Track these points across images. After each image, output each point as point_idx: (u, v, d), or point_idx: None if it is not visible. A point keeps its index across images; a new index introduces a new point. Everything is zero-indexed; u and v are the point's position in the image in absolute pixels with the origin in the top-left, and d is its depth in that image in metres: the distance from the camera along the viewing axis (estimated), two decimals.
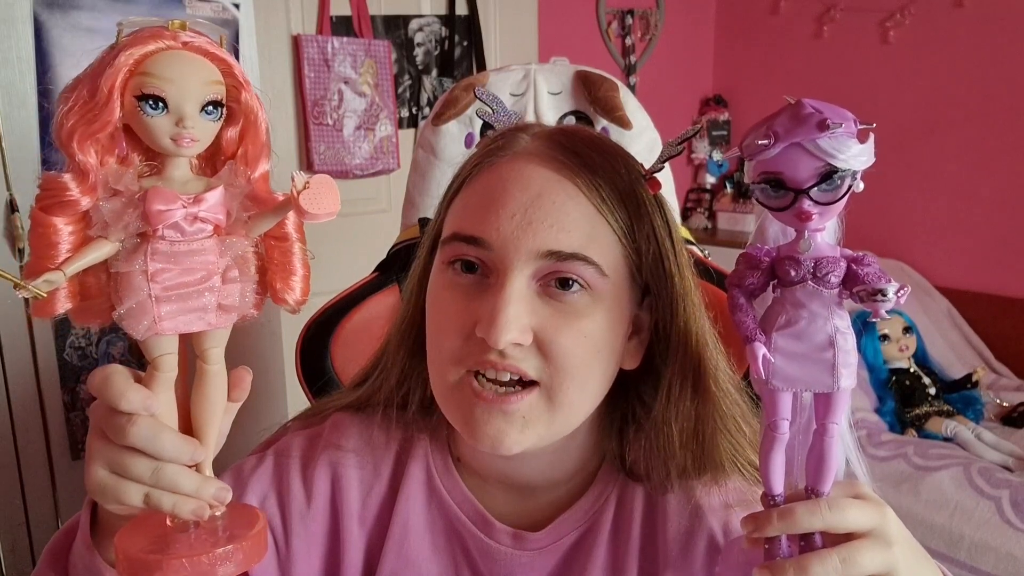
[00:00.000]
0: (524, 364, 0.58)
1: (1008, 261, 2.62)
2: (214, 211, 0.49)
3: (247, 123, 0.51)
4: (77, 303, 0.50)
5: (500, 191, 0.60)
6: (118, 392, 0.48)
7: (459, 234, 0.61)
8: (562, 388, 0.59)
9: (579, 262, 0.59)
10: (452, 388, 0.61)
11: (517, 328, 0.57)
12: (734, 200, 3.18)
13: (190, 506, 0.50)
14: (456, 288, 0.61)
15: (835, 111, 0.47)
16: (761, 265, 0.52)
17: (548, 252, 0.58)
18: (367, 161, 2.21)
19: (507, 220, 0.59)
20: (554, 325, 0.59)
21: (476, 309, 0.59)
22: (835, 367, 0.50)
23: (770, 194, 0.49)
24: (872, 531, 0.50)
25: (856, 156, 0.47)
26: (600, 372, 0.62)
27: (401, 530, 0.69)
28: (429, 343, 0.64)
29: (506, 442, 0.59)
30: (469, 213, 0.62)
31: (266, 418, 0.91)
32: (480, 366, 0.59)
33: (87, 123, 0.46)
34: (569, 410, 0.61)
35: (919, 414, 2.27)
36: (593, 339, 0.60)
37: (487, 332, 0.57)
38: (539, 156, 0.62)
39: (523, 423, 0.59)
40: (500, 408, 0.59)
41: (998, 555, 1.82)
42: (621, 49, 3.01)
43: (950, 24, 2.65)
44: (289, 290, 0.54)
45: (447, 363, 0.61)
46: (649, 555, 0.66)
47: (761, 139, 0.48)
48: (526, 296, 0.58)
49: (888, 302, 0.47)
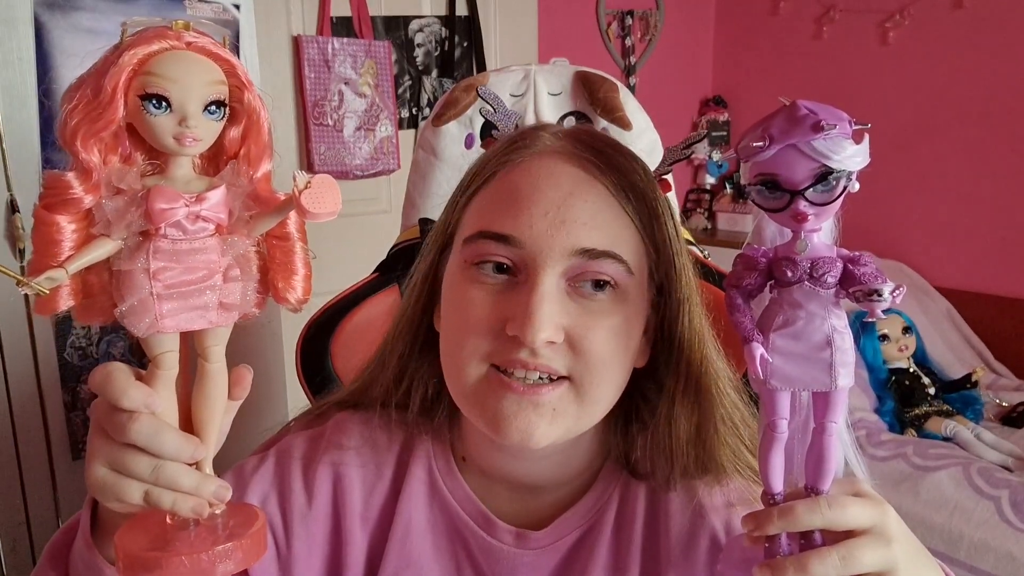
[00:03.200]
0: (555, 363, 0.59)
1: (1008, 261, 2.62)
2: (216, 210, 0.49)
3: (250, 123, 0.51)
4: (79, 301, 0.50)
5: (530, 189, 0.60)
6: (119, 389, 0.48)
7: (487, 232, 0.61)
8: (592, 383, 0.60)
9: (610, 260, 0.59)
10: (476, 384, 0.61)
11: (552, 326, 0.57)
12: (734, 200, 3.19)
13: (190, 504, 0.50)
14: (483, 286, 0.61)
15: (830, 112, 0.47)
16: (758, 266, 0.53)
17: (581, 250, 0.59)
18: (367, 162, 2.22)
19: (540, 218, 0.59)
20: (584, 323, 0.59)
21: (505, 308, 0.59)
22: (833, 366, 0.50)
23: (766, 195, 0.50)
24: (872, 529, 0.50)
25: (851, 157, 0.47)
26: (623, 368, 0.62)
27: (403, 530, 0.69)
28: (448, 342, 0.63)
29: (536, 434, 0.59)
30: (497, 211, 0.61)
31: (267, 418, 0.91)
32: (509, 365, 0.59)
33: (91, 122, 0.46)
34: (595, 405, 0.61)
35: (918, 414, 2.28)
36: (620, 335, 0.60)
37: (521, 330, 0.56)
38: (566, 155, 0.62)
39: (552, 415, 0.59)
40: (531, 399, 0.58)
41: (997, 555, 1.82)
42: (621, 50, 3.01)
43: (950, 25, 2.65)
44: (291, 289, 0.54)
45: (471, 360, 0.60)
46: (651, 554, 0.66)
47: (756, 141, 0.48)
48: (557, 295, 0.59)
49: (884, 302, 0.48)
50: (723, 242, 2.97)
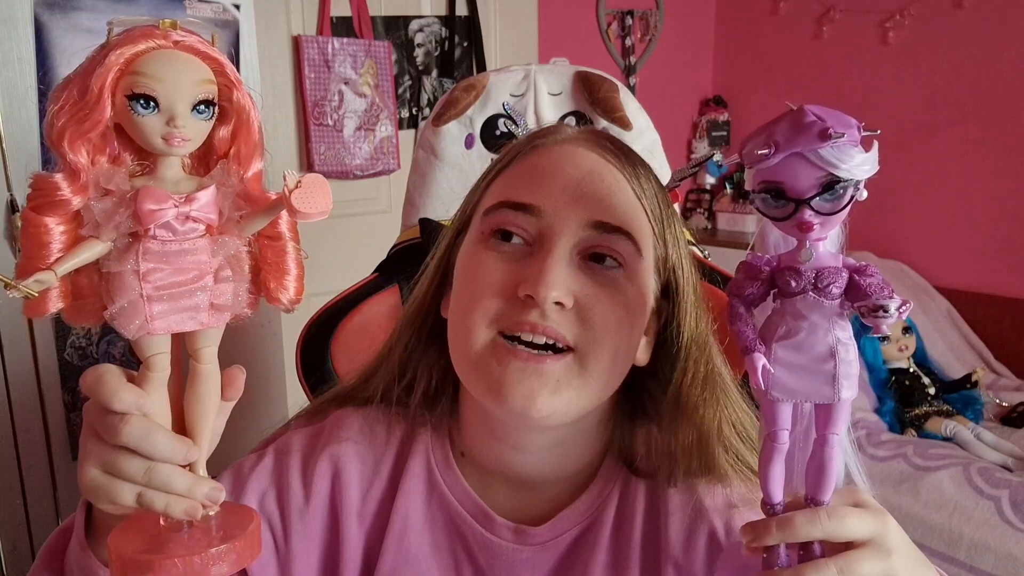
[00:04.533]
0: (563, 328, 0.59)
1: (1008, 261, 2.62)
2: (206, 210, 0.48)
3: (239, 122, 0.50)
4: (69, 303, 0.49)
5: (551, 167, 0.64)
6: (110, 391, 0.48)
7: (507, 202, 0.63)
8: (596, 355, 0.61)
9: (622, 236, 0.62)
10: (481, 351, 0.61)
11: (564, 287, 0.59)
12: (733, 201, 3.19)
13: (182, 506, 0.50)
14: (499, 253, 0.63)
15: (838, 118, 0.46)
16: (761, 275, 0.51)
17: (596, 223, 0.61)
18: (367, 162, 2.22)
19: (559, 191, 0.62)
20: (593, 292, 0.61)
21: (519, 272, 0.61)
22: (836, 378, 0.49)
23: (770, 204, 0.48)
24: (871, 540, 0.49)
25: (859, 166, 0.46)
26: (625, 349, 0.63)
27: (401, 526, 0.69)
28: (457, 309, 0.64)
29: (538, 402, 0.59)
30: (518, 184, 0.65)
31: (266, 418, 0.91)
32: (518, 328, 0.59)
33: (77, 122, 0.46)
34: (598, 381, 0.62)
35: (919, 414, 2.28)
36: (627, 311, 0.62)
37: (534, 288, 0.58)
38: (587, 142, 0.66)
39: (556, 385, 0.60)
40: (535, 367, 0.59)
41: (997, 555, 1.82)
42: (621, 50, 3.01)
43: (950, 25, 2.65)
44: (283, 289, 0.53)
45: (480, 324, 0.61)
46: (651, 551, 0.66)
47: (761, 148, 0.47)
48: (570, 264, 0.61)
49: (890, 318, 0.46)
50: (723, 242, 2.97)
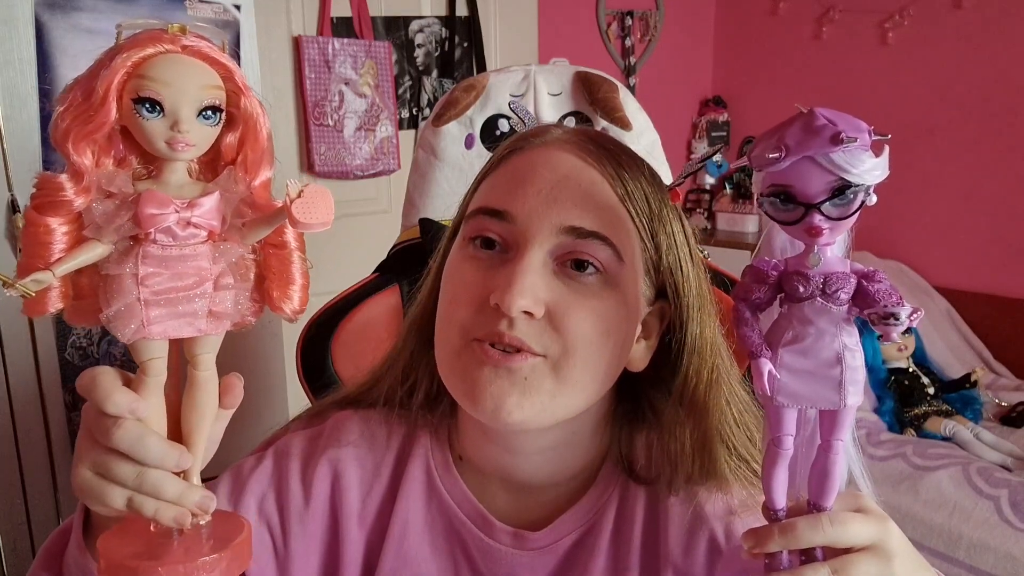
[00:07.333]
0: (530, 339, 0.58)
1: (1007, 261, 2.62)
2: (208, 217, 0.48)
3: (247, 129, 0.50)
4: (69, 303, 0.49)
5: (529, 171, 0.63)
6: (104, 394, 0.48)
7: (484, 208, 0.63)
8: (568, 363, 0.59)
9: (598, 242, 0.60)
10: (457, 353, 0.61)
11: (532, 296, 0.58)
12: (733, 201, 3.19)
13: (172, 513, 0.49)
14: (475, 261, 0.62)
15: (849, 122, 0.45)
16: (768, 279, 0.50)
17: (569, 228, 0.60)
18: (367, 162, 2.22)
19: (533, 196, 0.61)
20: (567, 301, 0.59)
21: (492, 280, 0.60)
22: (842, 385, 0.48)
23: (779, 207, 0.47)
24: (872, 545, 0.50)
25: (870, 171, 0.45)
26: (608, 357, 0.62)
27: (400, 529, 0.69)
28: (440, 315, 0.64)
29: (507, 404, 0.58)
30: (496, 190, 0.64)
31: (266, 418, 0.91)
32: (488, 337, 0.59)
33: (82, 124, 0.46)
34: (573, 388, 0.61)
35: (918, 414, 2.28)
36: (604, 320, 0.60)
37: (501, 298, 0.57)
38: (569, 144, 0.64)
39: (525, 385, 0.59)
40: (506, 366, 0.58)
41: (997, 555, 1.82)
42: (621, 50, 3.01)
43: (949, 25, 2.65)
44: (287, 299, 0.53)
45: (454, 332, 0.61)
46: (651, 556, 0.66)
47: (771, 152, 0.46)
48: (543, 271, 0.60)
49: (901, 325, 0.46)
50: (723, 242, 2.97)
